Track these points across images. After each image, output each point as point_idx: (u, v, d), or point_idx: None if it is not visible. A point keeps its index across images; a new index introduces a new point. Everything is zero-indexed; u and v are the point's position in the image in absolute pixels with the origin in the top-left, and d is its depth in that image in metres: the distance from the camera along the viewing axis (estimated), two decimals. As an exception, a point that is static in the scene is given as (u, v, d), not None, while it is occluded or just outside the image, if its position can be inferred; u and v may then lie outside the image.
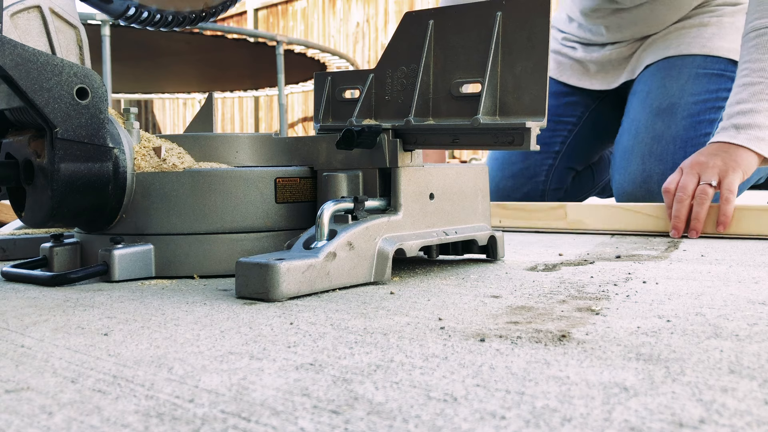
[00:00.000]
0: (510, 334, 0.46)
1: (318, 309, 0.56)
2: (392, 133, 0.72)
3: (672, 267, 0.76)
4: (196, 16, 1.01)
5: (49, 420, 0.31)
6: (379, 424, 0.30)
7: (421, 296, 0.60)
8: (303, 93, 5.97)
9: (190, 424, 0.31)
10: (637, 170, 1.40)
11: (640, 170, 1.40)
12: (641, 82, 1.51)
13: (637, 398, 0.33)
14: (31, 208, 0.71)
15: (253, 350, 0.43)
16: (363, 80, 0.78)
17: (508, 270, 0.76)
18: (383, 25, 5.73)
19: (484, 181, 0.82)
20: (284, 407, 0.33)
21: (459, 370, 0.38)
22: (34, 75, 0.65)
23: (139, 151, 0.75)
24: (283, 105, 4.25)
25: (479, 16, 0.70)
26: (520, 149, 0.67)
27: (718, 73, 1.43)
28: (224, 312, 0.55)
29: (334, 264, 0.63)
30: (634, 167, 1.41)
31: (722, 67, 1.44)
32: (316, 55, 4.49)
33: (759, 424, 0.29)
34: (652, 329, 0.46)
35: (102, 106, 0.70)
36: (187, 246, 0.73)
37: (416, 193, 0.73)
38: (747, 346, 0.42)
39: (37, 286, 0.69)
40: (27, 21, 0.71)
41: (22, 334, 0.48)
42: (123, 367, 0.40)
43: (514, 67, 0.67)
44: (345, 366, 0.39)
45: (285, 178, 0.76)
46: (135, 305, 0.59)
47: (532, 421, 0.30)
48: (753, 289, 0.61)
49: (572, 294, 0.60)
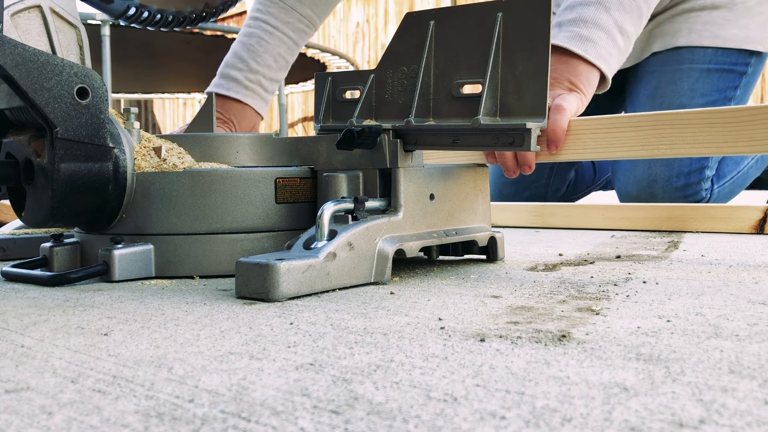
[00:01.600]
0: (510, 334, 0.46)
1: (318, 309, 0.56)
2: (393, 133, 0.72)
3: (672, 267, 0.76)
4: (196, 16, 1.01)
5: (49, 420, 0.31)
6: (379, 424, 0.30)
7: (421, 296, 0.60)
8: (303, 93, 5.97)
9: (190, 424, 0.31)
10: (643, 174, 1.39)
11: (645, 174, 1.39)
12: (648, 72, 1.47)
13: (637, 398, 0.33)
14: (31, 207, 0.71)
15: (253, 350, 0.43)
16: (363, 81, 0.78)
17: (508, 270, 0.76)
18: (383, 25, 5.73)
19: (484, 182, 0.82)
20: (284, 407, 0.33)
21: (459, 370, 0.38)
22: (34, 75, 0.65)
23: (140, 151, 0.75)
24: (283, 105, 4.26)
25: (480, 16, 0.70)
26: (520, 150, 0.67)
27: (728, 69, 1.40)
28: (224, 312, 0.55)
29: (334, 264, 0.63)
30: (639, 171, 1.40)
31: (733, 60, 1.41)
32: (316, 55, 4.49)
33: (759, 424, 0.29)
34: (652, 329, 0.46)
35: (102, 105, 0.70)
36: (187, 246, 0.73)
37: (416, 194, 0.73)
38: (747, 346, 0.42)
39: (37, 286, 0.69)
40: (27, 21, 0.71)
41: (22, 334, 0.48)
42: (123, 367, 0.40)
43: (514, 67, 0.67)
44: (345, 366, 0.39)
45: (285, 178, 0.76)
46: (135, 305, 0.59)
47: (532, 421, 0.30)
48: (753, 289, 0.61)
49: (572, 294, 0.60)
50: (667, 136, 0.78)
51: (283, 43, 1.27)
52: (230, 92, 1.22)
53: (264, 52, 1.26)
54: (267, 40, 1.26)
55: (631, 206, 1.25)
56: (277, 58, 1.27)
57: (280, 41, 1.27)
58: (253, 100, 1.24)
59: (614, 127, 0.80)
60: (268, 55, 1.26)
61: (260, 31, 1.27)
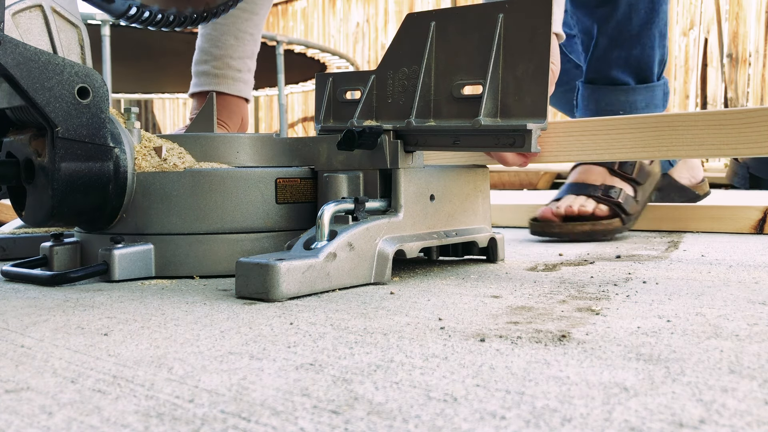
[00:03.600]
0: (510, 334, 0.46)
1: (318, 309, 0.56)
2: (393, 134, 0.72)
3: (672, 267, 0.76)
4: (197, 16, 1.01)
5: (49, 420, 0.31)
6: (379, 424, 0.30)
7: (421, 296, 0.60)
8: (303, 93, 5.97)
9: (190, 424, 0.31)
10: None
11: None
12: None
13: (637, 398, 0.33)
14: (32, 207, 0.71)
15: (253, 350, 0.43)
16: (364, 81, 0.78)
17: (508, 270, 0.76)
18: (383, 25, 5.73)
19: (484, 183, 0.82)
20: (284, 407, 0.33)
21: (459, 370, 0.38)
22: (35, 74, 0.65)
23: (140, 151, 0.75)
24: (283, 105, 4.25)
25: (481, 17, 0.70)
26: (521, 151, 0.67)
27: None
28: (224, 312, 0.55)
29: (334, 264, 0.63)
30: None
31: None
32: (316, 55, 4.49)
33: (759, 424, 0.29)
34: (652, 329, 0.46)
35: (103, 105, 0.70)
36: (187, 246, 0.73)
37: (417, 195, 0.73)
38: (747, 346, 0.42)
39: (37, 286, 0.69)
40: (29, 20, 0.71)
41: (22, 334, 0.48)
42: (123, 367, 0.40)
43: (515, 68, 0.67)
44: (345, 366, 0.39)
45: (285, 178, 0.76)
46: (135, 305, 0.59)
47: (532, 421, 0.30)
48: (753, 289, 0.61)
49: (572, 294, 0.60)
50: (667, 138, 0.78)
51: (237, 18, 1.22)
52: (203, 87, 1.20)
53: (221, 34, 1.20)
54: (220, 22, 1.21)
55: (631, 207, 1.25)
56: (237, 35, 1.21)
57: (234, 17, 1.22)
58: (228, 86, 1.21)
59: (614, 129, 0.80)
60: (227, 36, 1.20)
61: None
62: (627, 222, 1.08)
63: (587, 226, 1.04)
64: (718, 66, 4.31)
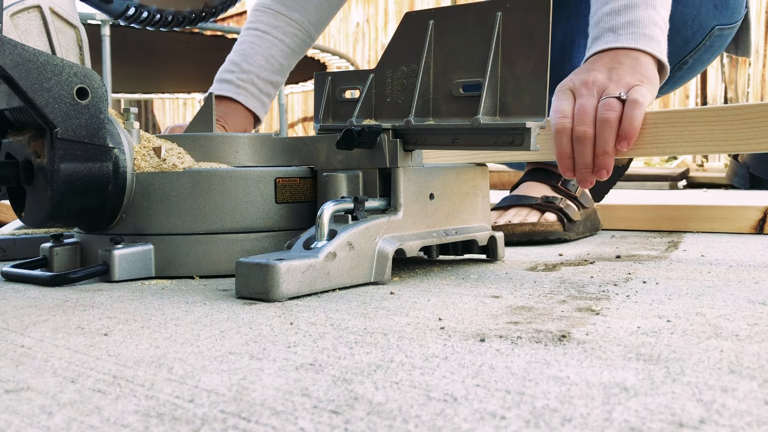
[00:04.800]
0: (510, 334, 0.46)
1: (318, 309, 0.56)
2: (392, 133, 0.72)
3: (672, 267, 0.76)
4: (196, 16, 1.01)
5: (49, 420, 0.31)
6: (379, 424, 0.30)
7: (421, 296, 0.60)
8: (303, 93, 5.97)
9: (190, 424, 0.31)
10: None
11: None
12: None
13: (637, 398, 0.33)
14: (31, 208, 0.71)
15: (253, 350, 0.43)
16: (363, 80, 0.78)
17: (508, 270, 0.76)
18: (383, 25, 5.73)
19: (484, 181, 0.82)
20: (284, 407, 0.33)
21: (459, 370, 0.38)
22: (34, 75, 0.65)
23: (139, 151, 0.75)
24: (282, 105, 4.26)
25: (479, 16, 0.70)
26: (520, 149, 0.67)
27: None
28: (224, 312, 0.55)
29: (334, 264, 0.63)
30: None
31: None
32: (316, 55, 4.49)
33: (759, 424, 0.29)
34: (652, 329, 0.46)
35: (102, 106, 0.70)
36: (187, 246, 0.73)
37: (416, 193, 0.73)
38: (747, 346, 0.42)
39: (37, 286, 0.69)
40: (27, 21, 0.70)
41: (22, 334, 0.48)
42: (123, 367, 0.40)
43: (514, 67, 0.67)
44: (345, 366, 0.39)
45: (285, 178, 0.76)
46: (135, 305, 0.59)
47: (532, 421, 0.30)
48: (753, 289, 0.61)
49: (572, 294, 0.60)
50: (665, 134, 0.78)
51: (273, 46, 1.28)
52: (222, 91, 1.23)
53: (254, 53, 1.26)
54: (257, 43, 1.27)
55: (631, 206, 1.25)
56: (268, 59, 1.27)
57: (270, 44, 1.27)
58: (246, 98, 1.24)
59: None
60: (258, 56, 1.26)
61: (250, 37, 1.28)
62: (569, 229, 1.05)
63: (527, 227, 1.02)
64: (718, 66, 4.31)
